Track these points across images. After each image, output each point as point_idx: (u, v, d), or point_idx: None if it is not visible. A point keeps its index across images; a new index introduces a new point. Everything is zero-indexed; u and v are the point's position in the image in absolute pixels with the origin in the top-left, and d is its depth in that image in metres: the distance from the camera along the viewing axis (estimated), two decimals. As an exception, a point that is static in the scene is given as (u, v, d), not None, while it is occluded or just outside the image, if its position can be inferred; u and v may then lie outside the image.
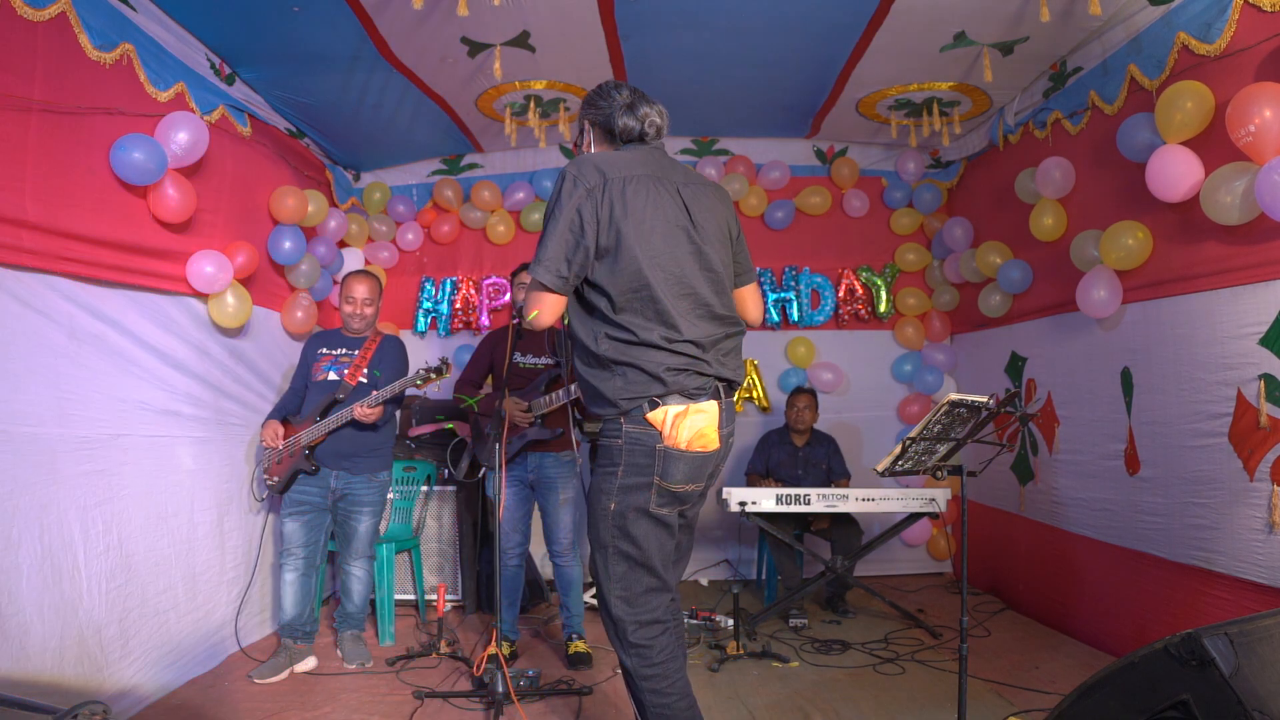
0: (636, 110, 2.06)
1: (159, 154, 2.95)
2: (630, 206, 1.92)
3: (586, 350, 1.99)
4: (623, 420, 1.93)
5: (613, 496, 1.94)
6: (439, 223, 5.23)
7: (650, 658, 1.92)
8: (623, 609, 1.94)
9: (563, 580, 3.56)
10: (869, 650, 3.63)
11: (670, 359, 1.92)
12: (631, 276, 1.91)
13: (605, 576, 1.97)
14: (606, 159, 1.99)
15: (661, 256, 1.93)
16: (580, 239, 1.91)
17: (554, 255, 1.91)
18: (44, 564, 2.54)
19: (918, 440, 2.53)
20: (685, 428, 1.92)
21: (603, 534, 1.97)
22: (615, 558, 1.95)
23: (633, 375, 1.92)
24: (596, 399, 1.99)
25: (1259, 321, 2.70)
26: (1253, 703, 1.44)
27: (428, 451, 4.43)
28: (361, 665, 3.46)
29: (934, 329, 5.20)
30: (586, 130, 2.15)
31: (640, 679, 1.93)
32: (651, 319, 1.92)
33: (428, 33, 3.45)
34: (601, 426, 2.02)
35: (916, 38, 3.58)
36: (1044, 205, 3.86)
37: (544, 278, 1.91)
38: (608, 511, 1.95)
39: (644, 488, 1.93)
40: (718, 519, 5.03)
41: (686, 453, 1.93)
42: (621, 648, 1.95)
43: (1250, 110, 2.51)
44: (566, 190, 1.92)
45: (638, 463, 1.92)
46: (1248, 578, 2.75)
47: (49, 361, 2.62)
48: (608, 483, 1.96)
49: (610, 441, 1.97)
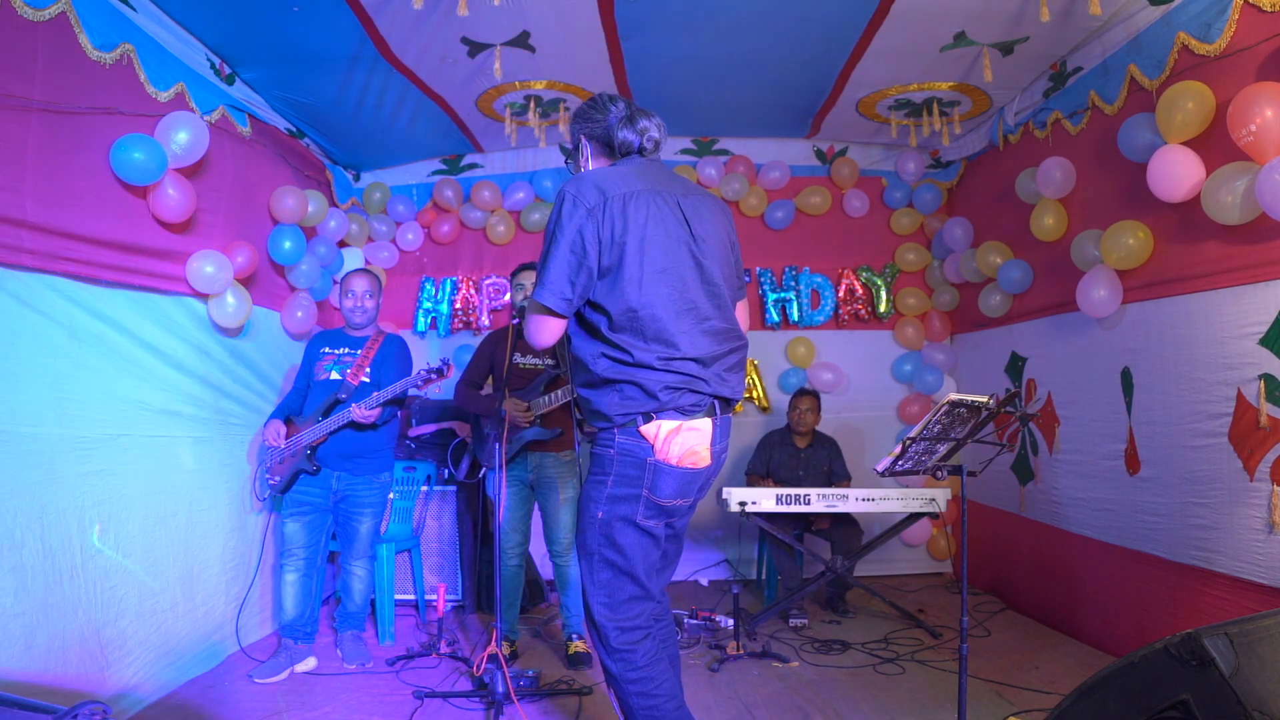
0: (636, 124, 2.04)
1: (159, 154, 2.95)
2: (631, 224, 1.90)
3: (585, 369, 1.99)
4: (616, 431, 1.94)
5: (601, 505, 1.96)
6: (439, 223, 5.23)
7: (633, 662, 1.94)
8: (605, 614, 1.96)
9: (563, 580, 3.56)
10: (869, 650, 3.63)
11: (667, 378, 1.91)
12: (632, 294, 1.90)
13: (590, 582, 1.99)
14: (605, 176, 1.97)
15: (663, 273, 1.93)
16: (583, 260, 1.89)
17: (557, 278, 1.89)
18: (44, 564, 2.54)
19: (918, 440, 2.53)
20: (677, 444, 1.93)
21: (589, 541, 1.99)
22: (600, 564, 1.97)
23: (630, 391, 1.92)
24: (593, 414, 2.00)
25: (1259, 321, 2.70)
26: (1253, 703, 1.44)
27: (428, 451, 4.43)
28: (361, 665, 3.46)
29: (934, 329, 5.20)
30: (583, 145, 2.12)
31: (625, 682, 1.95)
32: (650, 338, 1.92)
33: (428, 33, 3.45)
34: (596, 436, 2.03)
35: (916, 38, 3.58)
36: (1045, 205, 3.86)
37: (548, 301, 1.90)
38: (595, 519, 1.97)
39: (632, 499, 1.94)
40: (718, 519, 5.03)
41: (676, 468, 1.94)
42: (605, 652, 1.97)
43: (1251, 110, 2.52)
44: (567, 211, 1.90)
45: (627, 474, 1.94)
46: (1248, 578, 2.75)
47: (49, 361, 2.62)
48: (597, 491, 1.98)
49: (603, 451, 1.98)
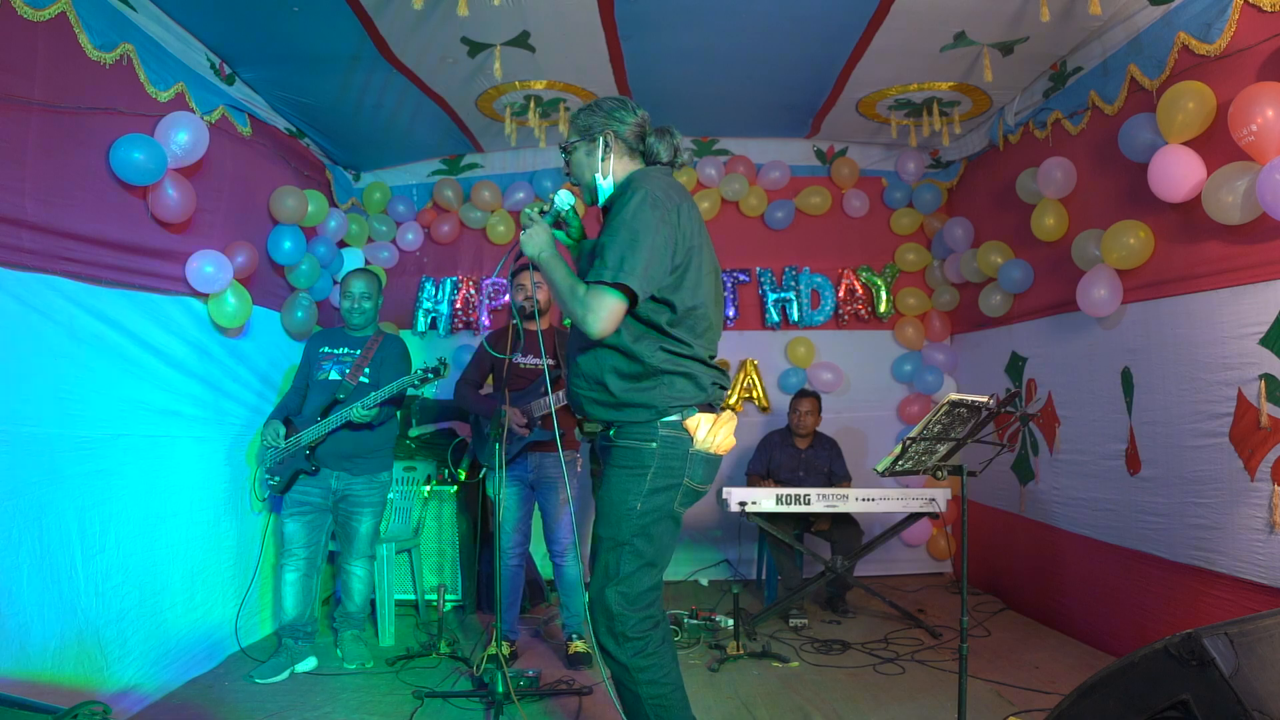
0: (665, 139, 2.16)
1: (159, 154, 2.95)
2: (691, 229, 2.04)
3: (633, 360, 2.01)
4: (658, 424, 2.01)
5: (640, 497, 2.00)
6: (439, 223, 5.23)
7: (646, 649, 1.97)
8: (624, 604, 1.98)
9: (563, 580, 3.56)
10: (869, 650, 3.63)
11: (712, 374, 2.09)
12: (694, 293, 2.04)
13: (613, 573, 2.00)
14: (663, 179, 2.07)
15: (708, 277, 2.09)
16: (665, 254, 1.97)
17: (645, 267, 1.91)
18: (43, 563, 2.54)
19: (918, 440, 2.53)
20: (721, 433, 2.07)
21: (622, 532, 2.01)
22: (629, 555, 2.00)
23: (680, 384, 2.02)
24: (631, 408, 2.02)
25: (1260, 321, 2.70)
26: (1253, 703, 1.44)
27: (428, 451, 4.43)
28: (361, 665, 3.46)
29: (934, 329, 5.20)
30: (609, 140, 2.13)
31: (636, 671, 1.97)
32: (700, 335, 2.07)
33: (428, 33, 3.45)
34: (621, 429, 2.05)
35: (916, 38, 3.58)
36: (1045, 205, 3.86)
37: (636, 285, 1.90)
38: (632, 511, 2.00)
39: (673, 489, 2.02)
40: (718, 519, 5.02)
41: (711, 455, 2.07)
42: (617, 642, 1.98)
43: (1252, 110, 2.52)
44: (649, 206, 1.95)
45: (670, 465, 2.01)
46: (1248, 578, 2.74)
47: (49, 361, 2.62)
48: (635, 484, 2.01)
49: (638, 444, 2.02)
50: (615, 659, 2.00)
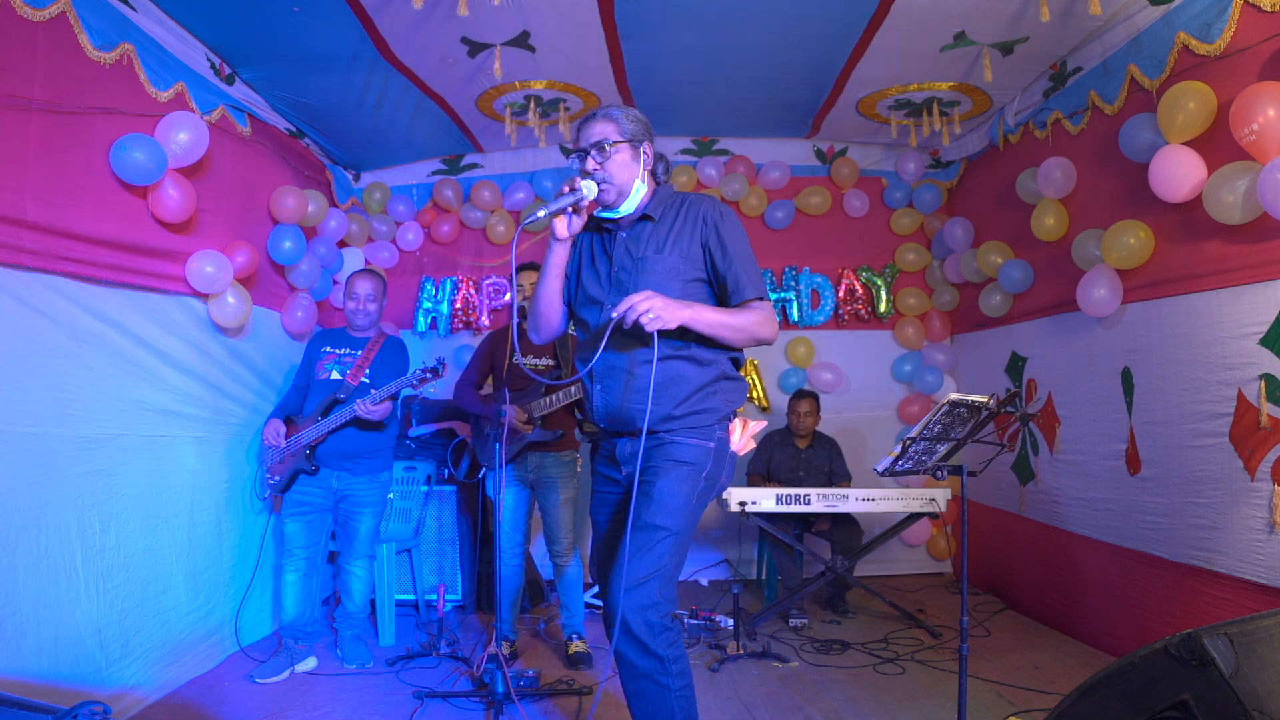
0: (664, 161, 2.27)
1: (159, 154, 2.95)
2: None
3: (711, 366, 2.10)
4: (717, 426, 2.11)
5: (705, 495, 2.09)
6: (439, 223, 5.23)
7: (673, 640, 2.00)
8: (668, 594, 1.99)
9: (563, 580, 3.55)
10: (869, 650, 3.63)
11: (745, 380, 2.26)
12: None
13: (669, 567, 1.99)
14: None
15: None
16: None
17: None
18: (40, 564, 2.54)
19: (918, 440, 2.53)
20: (750, 435, 2.21)
21: (685, 527, 2.05)
22: (680, 549, 2.05)
23: (734, 390, 2.16)
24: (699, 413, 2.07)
25: (1260, 321, 2.70)
26: (1253, 703, 1.43)
27: (428, 451, 4.43)
28: (361, 665, 3.46)
29: (934, 329, 5.20)
30: (650, 150, 2.18)
31: (670, 662, 1.95)
32: None
33: (428, 33, 3.45)
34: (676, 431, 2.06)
35: (916, 38, 3.58)
36: (1045, 205, 3.86)
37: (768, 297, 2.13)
38: (691, 504, 2.06)
39: (714, 489, 2.13)
40: (718, 519, 5.03)
41: (735, 456, 2.21)
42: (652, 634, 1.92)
43: (1253, 110, 2.52)
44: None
45: (720, 468, 2.13)
46: (1248, 578, 2.74)
47: (49, 361, 2.62)
48: (693, 480, 2.06)
49: (700, 444, 2.08)
50: (651, 652, 1.92)
